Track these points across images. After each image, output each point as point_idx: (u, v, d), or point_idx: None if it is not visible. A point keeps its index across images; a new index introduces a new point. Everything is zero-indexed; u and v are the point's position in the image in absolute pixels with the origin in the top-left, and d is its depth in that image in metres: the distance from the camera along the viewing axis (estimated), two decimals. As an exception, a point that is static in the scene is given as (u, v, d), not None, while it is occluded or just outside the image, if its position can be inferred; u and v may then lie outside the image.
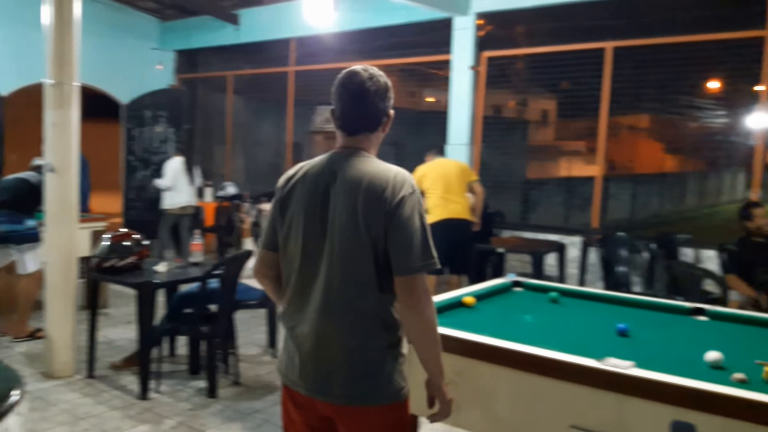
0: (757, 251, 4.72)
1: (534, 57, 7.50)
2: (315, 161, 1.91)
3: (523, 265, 6.71)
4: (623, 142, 16.36)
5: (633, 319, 2.85)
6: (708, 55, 6.26)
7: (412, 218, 1.73)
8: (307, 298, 1.83)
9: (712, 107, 7.32)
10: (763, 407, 1.85)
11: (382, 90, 1.86)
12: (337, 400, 1.78)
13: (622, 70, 6.64)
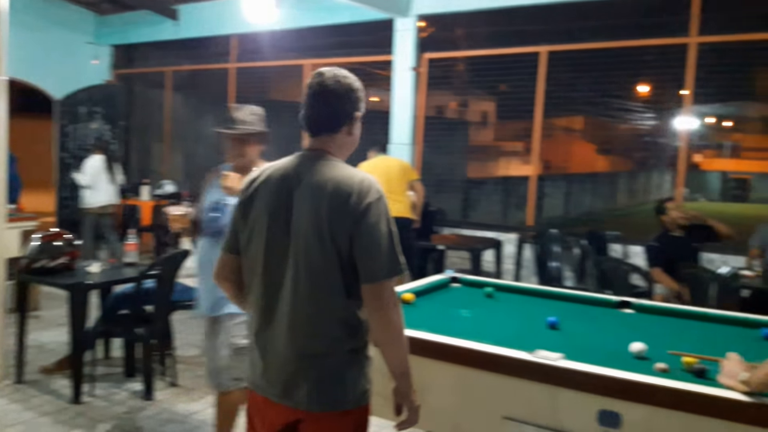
0: (677, 245, 4.98)
1: (474, 59, 7.67)
2: (280, 163, 1.89)
3: (463, 261, 6.85)
4: (558, 143, 16.89)
5: (564, 313, 2.96)
6: (637, 60, 6.54)
7: (378, 225, 1.71)
8: (271, 303, 1.81)
9: (641, 110, 7.65)
10: (682, 395, 1.95)
11: (343, 90, 1.84)
12: (302, 405, 1.77)
13: (556, 74, 6.87)
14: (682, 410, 1.95)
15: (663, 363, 2.21)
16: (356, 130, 1.90)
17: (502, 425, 2.24)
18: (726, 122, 26.22)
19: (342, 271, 1.73)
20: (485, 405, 2.30)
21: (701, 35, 5.99)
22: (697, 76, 6.07)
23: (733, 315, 3.10)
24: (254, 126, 2.98)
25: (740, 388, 1.88)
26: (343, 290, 1.74)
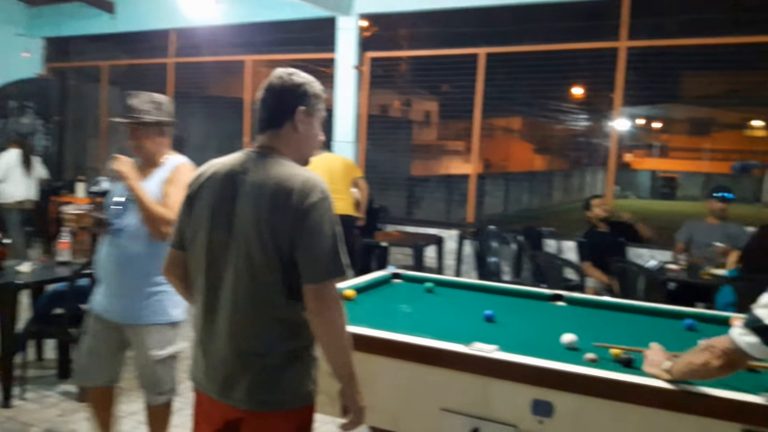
0: (603, 240, 5.24)
1: (416, 60, 7.78)
2: (226, 160, 1.88)
3: (406, 257, 6.94)
4: (498, 142, 17.31)
5: (500, 306, 3.04)
6: (571, 63, 6.77)
7: (321, 225, 1.70)
8: (213, 302, 1.80)
9: (575, 111, 7.93)
10: (610, 383, 2.04)
11: (287, 86, 1.84)
12: (242, 404, 1.77)
13: (494, 75, 7.04)
14: (609, 398, 2.03)
15: (592, 353, 2.30)
16: (305, 126, 1.87)
17: (439, 417, 2.28)
18: (655, 123, 27.34)
19: (283, 271, 1.72)
20: (424, 398, 2.34)
21: (630, 40, 6.25)
22: (627, 79, 6.34)
23: (659, 307, 3.24)
24: (150, 115, 2.76)
25: (663, 377, 1.98)
26: (285, 290, 1.73)
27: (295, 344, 1.77)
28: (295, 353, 1.78)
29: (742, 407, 1.86)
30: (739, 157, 29.73)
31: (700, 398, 1.91)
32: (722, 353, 1.77)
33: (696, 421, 1.92)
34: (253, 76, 8.51)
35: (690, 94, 17.40)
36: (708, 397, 1.90)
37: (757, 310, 1.70)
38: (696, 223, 5.53)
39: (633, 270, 4.64)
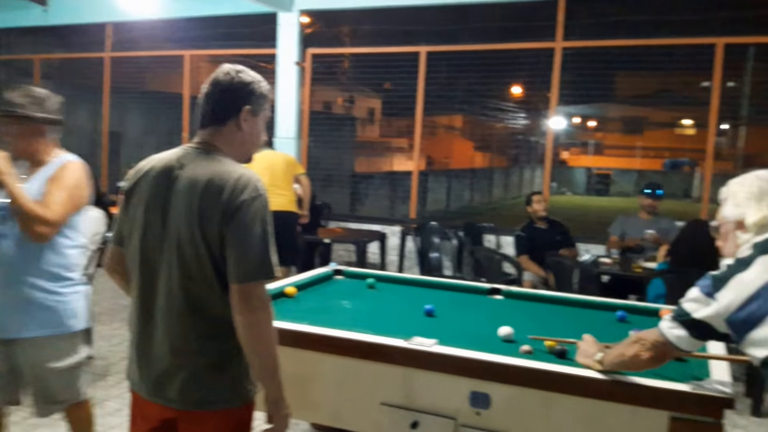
0: (540, 236, 5.41)
1: (358, 57, 7.79)
2: (165, 155, 1.84)
3: (349, 254, 6.96)
4: (440, 140, 17.51)
5: (441, 301, 3.10)
6: (510, 63, 6.92)
7: (251, 224, 1.67)
8: (148, 300, 1.78)
9: (514, 110, 8.10)
10: (544, 374, 2.11)
11: (237, 85, 1.81)
12: (176, 404, 1.74)
13: (435, 74, 7.12)
14: (544, 389, 2.11)
15: (527, 345, 2.37)
16: (249, 125, 1.85)
17: (380, 411, 2.31)
18: (590, 122, 28.22)
19: (216, 269, 1.70)
20: (364, 393, 2.36)
21: (566, 41, 6.44)
22: (563, 78, 6.52)
23: (593, 299, 3.36)
24: (26, 110, 2.49)
25: (596, 367, 2.06)
26: (219, 287, 1.71)
27: (232, 343, 1.74)
28: (231, 352, 1.76)
29: (670, 395, 1.96)
30: (670, 154, 30.99)
31: (630, 387, 2.00)
32: (652, 345, 1.85)
33: (626, 409, 2.00)
34: (192, 71, 8.35)
35: (623, 94, 18.02)
36: (637, 386, 1.99)
37: (685, 304, 1.77)
38: (628, 218, 5.75)
39: (568, 264, 4.78)
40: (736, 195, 1.77)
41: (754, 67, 8.37)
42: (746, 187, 1.75)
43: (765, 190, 1.72)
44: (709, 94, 6.10)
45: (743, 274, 1.61)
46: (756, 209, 1.70)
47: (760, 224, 1.69)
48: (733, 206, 1.77)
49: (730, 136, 24.84)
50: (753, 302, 1.57)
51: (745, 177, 1.79)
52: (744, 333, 1.60)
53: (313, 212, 6.41)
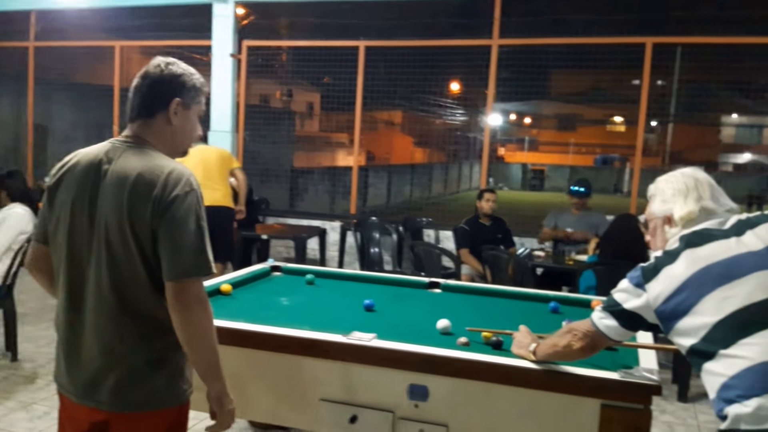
0: (483, 231, 5.51)
1: (296, 50, 7.71)
2: (91, 149, 1.77)
3: (289, 250, 6.89)
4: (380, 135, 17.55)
5: (380, 295, 3.11)
6: (448, 59, 6.99)
7: (185, 219, 1.63)
8: (76, 299, 1.71)
9: (452, 106, 8.18)
10: (481, 365, 2.14)
11: (167, 77, 1.76)
12: (108, 406, 1.69)
13: (375, 68, 7.13)
14: (481, 379, 2.13)
15: (464, 337, 2.41)
16: (180, 119, 1.80)
17: (319, 407, 2.30)
18: (526, 119, 28.91)
19: (147, 266, 1.66)
20: (303, 389, 2.34)
21: (502, 38, 6.55)
22: (500, 76, 6.64)
23: (527, 291, 3.44)
24: None
25: (530, 358, 2.10)
26: (150, 286, 1.67)
27: (165, 342, 1.71)
28: (164, 352, 1.72)
29: (601, 384, 2.01)
30: (601, 150, 32.09)
31: (562, 377, 2.05)
32: (583, 335, 1.89)
33: (560, 398, 2.06)
34: (124, 63, 8.07)
35: (558, 92, 18.53)
36: (570, 375, 2.04)
37: (616, 295, 1.81)
38: (561, 213, 5.91)
39: (504, 257, 4.88)
40: (664, 192, 1.83)
41: (681, 67, 8.73)
42: (673, 184, 1.82)
43: (691, 187, 1.77)
44: (639, 92, 6.32)
45: (671, 267, 1.66)
46: (682, 205, 1.76)
47: (686, 219, 1.75)
48: (661, 202, 1.83)
49: (659, 133, 25.93)
50: (680, 294, 1.62)
51: (671, 174, 1.86)
52: (672, 323, 1.65)
53: (250, 208, 6.31)
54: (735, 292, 1.54)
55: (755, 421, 1.42)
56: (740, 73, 6.71)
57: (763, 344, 1.46)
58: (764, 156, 32.12)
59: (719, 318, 1.54)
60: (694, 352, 1.60)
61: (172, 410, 1.76)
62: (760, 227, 1.63)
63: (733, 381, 1.48)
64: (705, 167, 21.05)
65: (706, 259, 1.62)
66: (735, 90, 8.82)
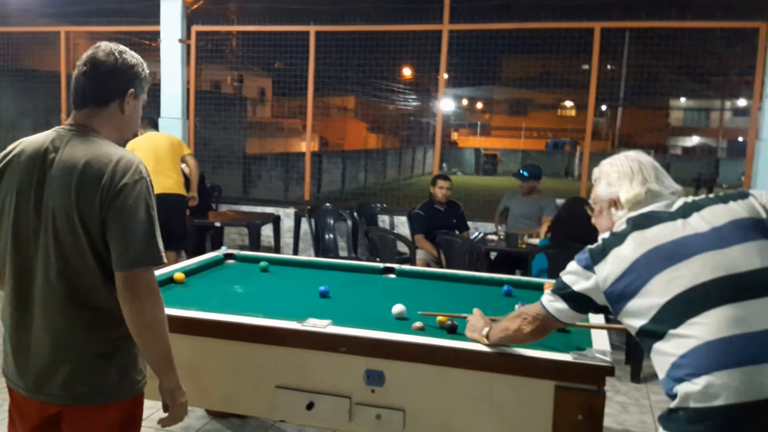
0: (438, 216, 5.55)
1: (247, 35, 7.56)
2: (36, 137, 1.72)
3: (243, 238, 6.82)
4: (334, 121, 17.47)
5: (335, 282, 3.11)
6: (399, 44, 6.97)
7: (134, 208, 1.61)
8: (23, 290, 1.67)
9: (405, 92, 8.18)
10: (435, 350, 2.16)
11: (121, 67, 1.72)
12: (60, 399, 1.66)
13: (326, 54, 7.06)
14: (435, 363, 2.16)
15: (419, 322, 2.43)
16: (131, 108, 1.77)
17: (275, 394, 2.30)
18: (479, 104, 29.18)
19: (96, 256, 1.63)
20: (258, 377, 2.34)
21: (452, 23, 6.56)
22: (452, 61, 6.66)
23: (481, 275, 3.50)
24: None
25: (483, 342, 2.13)
26: (101, 277, 1.64)
27: (117, 333, 1.68)
28: (116, 343, 1.70)
29: (555, 366, 2.05)
30: (553, 135, 32.66)
31: (516, 359, 2.08)
32: (533, 319, 1.92)
33: (514, 380, 2.09)
34: (71, 48, 7.78)
35: (509, 77, 18.72)
36: (524, 357, 2.08)
37: (565, 277, 1.83)
38: (513, 197, 5.99)
39: (457, 242, 4.93)
40: (609, 175, 1.85)
41: (630, 51, 8.90)
42: (618, 167, 1.84)
43: (636, 170, 1.80)
44: (589, 76, 6.43)
45: (619, 248, 1.68)
46: (628, 188, 1.78)
47: (633, 201, 1.77)
48: (606, 185, 1.85)
49: (609, 117, 26.50)
50: (628, 275, 1.64)
51: (616, 158, 1.88)
52: (621, 305, 1.67)
53: (202, 195, 6.21)
54: (682, 273, 1.56)
55: (704, 399, 1.46)
56: (687, 57, 6.88)
57: (711, 323, 1.49)
58: (712, 139, 33.21)
59: (667, 299, 1.56)
60: (643, 333, 1.62)
61: (126, 402, 1.74)
62: (705, 210, 1.66)
63: (682, 360, 1.51)
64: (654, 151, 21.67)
65: (654, 240, 1.64)
66: (682, 74, 9.06)
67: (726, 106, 29.61)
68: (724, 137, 31.83)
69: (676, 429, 1.52)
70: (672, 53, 6.66)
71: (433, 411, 2.18)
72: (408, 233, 6.12)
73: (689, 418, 1.48)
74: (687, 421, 1.49)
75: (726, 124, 31.98)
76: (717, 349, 1.47)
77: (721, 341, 1.47)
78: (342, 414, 2.23)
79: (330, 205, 6.50)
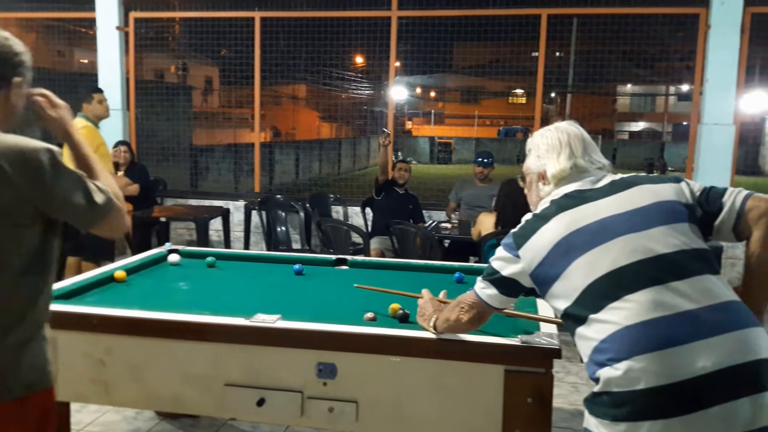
0: (397, 197, 5.57)
1: (191, 22, 7.35)
2: None
3: (191, 232, 6.64)
4: (285, 110, 17.24)
5: (286, 275, 3.05)
6: (349, 31, 6.87)
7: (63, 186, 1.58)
8: None
9: (357, 80, 8.09)
10: (387, 339, 2.13)
11: (7, 54, 1.63)
12: None
13: (273, 41, 6.91)
14: (387, 354, 2.13)
15: (371, 313, 2.38)
16: (16, 98, 1.68)
17: (225, 392, 2.24)
18: (431, 93, 29.29)
19: (15, 250, 1.55)
20: (207, 375, 2.27)
21: (401, 9, 6.50)
22: (403, 48, 6.61)
23: (433, 263, 3.49)
24: None
25: (431, 330, 2.11)
26: (11, 271, 1.56)
27: (26, 325, 1.60)
28: (26, 339, 1.61)
29: (503, 350, 2.05)
30: (504, 122, 33.07)
31: (465, 345, 2.07)
32: (470, 307, 1.89)
33: (465, 366, 2.09)
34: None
35: (461, 65, 18.77)
36: (472, 343, 2.07)
37: (493, 263, 1.80)
38: (465, 185, 6.01)
39: (411, 231, 4.90)
40: (539, 147, 1.83)
41: (577, 38, 9.01)
42: (547, 139, 1.81)
43: (564, 143, 1.77)
44: (538, 64, 6.48)
45: (542, 231, 1.66)
46: (555, 162, 1.76)
47: (558, 176, 1.75)
48: (536, 158, 1.83)
49: (558, 104, 26.91)
50: (552, 258, 1.62)
51: (547, 129, 1.85)
52: (546, 287, 1.66)
53: (146, 189, 6.02)
54: (602, 257, 1.55)
55: (625, 383, 1.45)
56: (632, 43, 7.00)
57: (630, 308, 1.49)
58: (657, 124, 34.16)
59: (588, 282, 1.55)
60: (567, 316, 1.62)
61: (40, 394, 1.65)
62: (632, 189, 1.65)
63: (603, 345, 1.50)
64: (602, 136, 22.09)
65: (576, 222, 1.62)
66: (628, 60, 9.23)
67: (670, 91, 30.47)
68: (669, 122, 32.79)
69: (601, 413, 1.51)
70: (618, 39, 6.77)
71: (386, 401, 2.16)
72: (362, 224, 6.10)
73: (612, 402, 1.48)
74: (610, 404, 1.49)
75: (671, 108, 32.92)
76: (636, 334, 1.46)
77: (640, 325, 1.46)
78: (294, 409, 2.19)
79: (281, 196, 6.39)
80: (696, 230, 1.59)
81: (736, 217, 1.60)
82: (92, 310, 2.37)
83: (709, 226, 1.62)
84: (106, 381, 2.36)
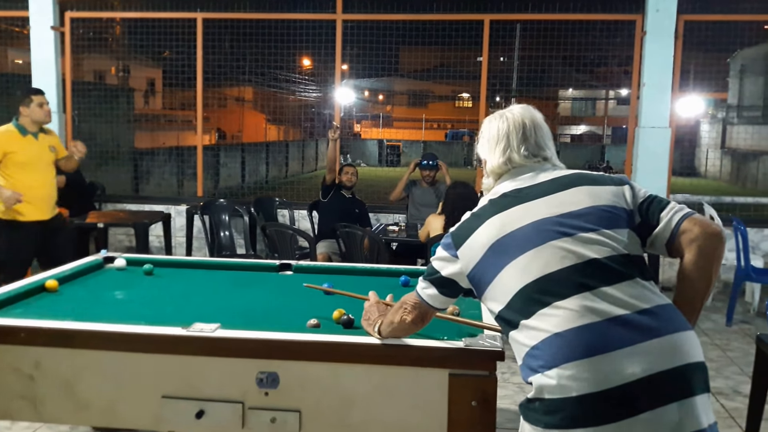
0: (344, 200, 5.54)
1: (131, 23, 7.14)
2: None
3: (131, 239, 6.44)
4: (231, 112, 16.97)
5: (227, 282, 2.97)
6: (295, 33, 6.81)
7: None
8: None
9: (304, 82, 8.03)
10: (330, 346, 2.10)
11: None
12: None
13: (218, 42, 6.78)
14: (331, 361, 2.10)
15: (314, 319, 2.35)
16: None
17: (161, 405, 2.16)
18: (379, 96, 29.37)
19: None
20: (143, 387, 2.19)
21: (345, 12, 6.47)
22: (350, 51, 6.58)
23: (379, 267, 3.46)
24: None
25: (375, 335, 2.08)
26: None
27: None
28: None
29: (447, 354, 2.04)
30: (451, 126, 33.40)
31: (409, 350, 2.06)
32: (412, 308, 1.87)
33: (409, 371, 2.07)
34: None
35: (408, 68, 18.90)
36: (416, 348, 2.06)
37: (434, 263, 1.78)
38: (412, 186, 6.02)
39: (358, 234, 4.87)
40: (483, 135, 1.81)
41: (521, 44, 9.16)
42: (489, 128, 1.79)
43: (502, 134, 1.74)
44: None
45: (478, 233, 1.64)
46: (492, 155, 1.74)
47: (495, 172, 1.74)
48: (481, 146, 1.82)
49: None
50: (486, 260, 1.61)
51: (494, 116, 1.81)
52: (481, 289, 1.64)
53: (82, 194, 5.80)
54: (534, 261, 1.53)
55: (557, 391, 1.44)
56: (573, 49, 7.16)
57: (560, 315, 1.47)
58: (598, 127, 35.11)
59: (519, 288, 1.54)
60: (501, 319, 1.61)
61: None
62: (569, 191, 1.63)
63: (535, 351, 1.49)
64: (544, 139, 22.63)
65: (511, 224, 1.60)
66: (568, 65, 9.44)
67: (610, 96, 31.36)
68: (609, 125, 33.75)
69: (534, 419, 1.50)
70: (559, 45, 6.91)
71: (329, 409, 2.12)
72: (308, 227, 6.03)
73: (545, 409, 1.47)
74: (543, 411, 1.48)
75: (610, 112, 33.88)
76: (566, 341, 1.45)
77: (570, 332, 1.45)
78: (234, 420, 2.13)
79: (224, 200, 6.26)
80: (633, 236, 1.58)
81: (669, 236, 1.58)
82: (19, 322, 2.26)
83: (644, 238, 1.61)
84: (35, 396, 2.24)
